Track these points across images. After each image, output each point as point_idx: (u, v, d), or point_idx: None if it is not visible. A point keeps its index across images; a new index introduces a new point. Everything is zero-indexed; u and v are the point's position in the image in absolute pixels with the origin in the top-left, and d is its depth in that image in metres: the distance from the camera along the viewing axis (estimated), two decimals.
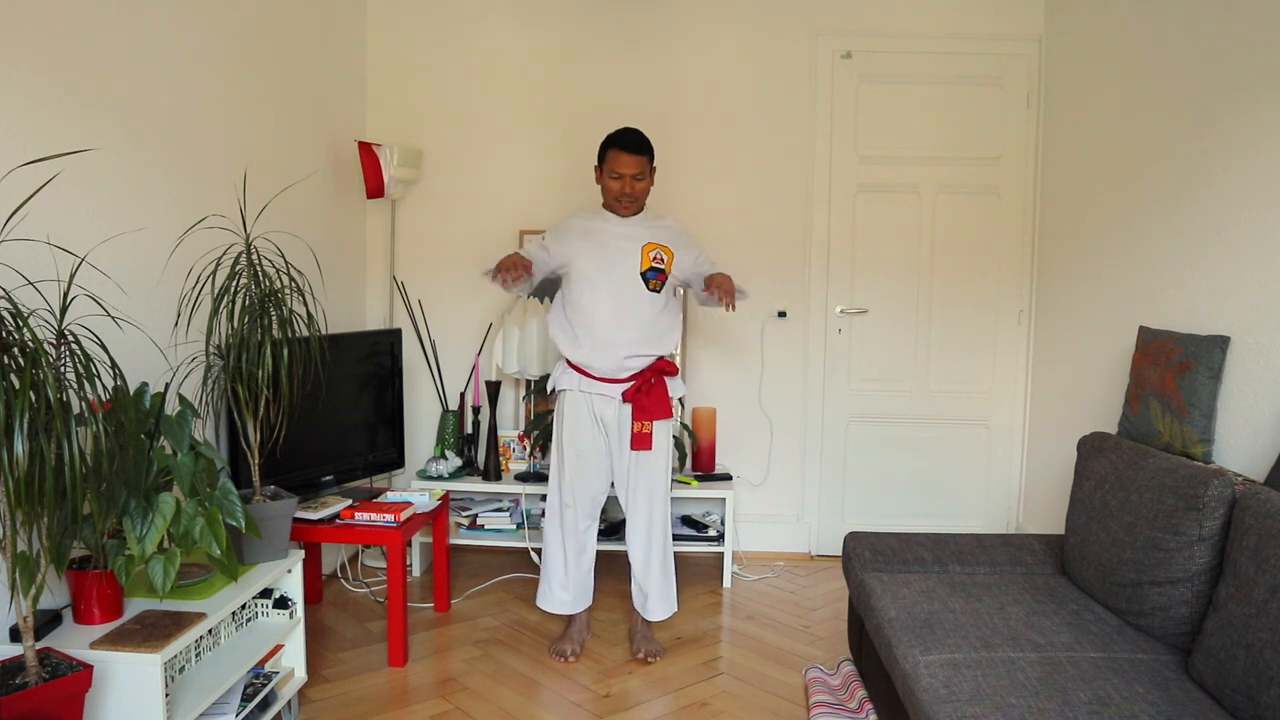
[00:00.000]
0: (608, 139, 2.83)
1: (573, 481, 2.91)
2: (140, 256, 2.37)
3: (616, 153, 2.78)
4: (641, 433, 2.85)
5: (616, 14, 3.85)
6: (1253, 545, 1.83)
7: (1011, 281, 3.89)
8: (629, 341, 2.79)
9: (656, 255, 2.82)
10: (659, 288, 2.82)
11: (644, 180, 2.81)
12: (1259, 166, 2.39)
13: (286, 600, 2.47)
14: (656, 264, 2.81)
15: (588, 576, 3.00)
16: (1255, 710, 1.71)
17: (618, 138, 2.81)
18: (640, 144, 2.80)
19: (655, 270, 2.81)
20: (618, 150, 2.78)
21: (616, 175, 2.78)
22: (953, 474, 4.00)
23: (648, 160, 2.81)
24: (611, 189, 2.81)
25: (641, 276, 2.80)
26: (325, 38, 3.50)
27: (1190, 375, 2.46)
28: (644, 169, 2.80)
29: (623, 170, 2.78)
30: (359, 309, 3.89)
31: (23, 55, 1.97)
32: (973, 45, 3.82)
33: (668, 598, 2.99)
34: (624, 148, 2.78)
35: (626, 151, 2.77)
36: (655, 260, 2.81)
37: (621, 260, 2.80)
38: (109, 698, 1.85)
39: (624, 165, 2.77)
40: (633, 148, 2.78)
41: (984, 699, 1.80)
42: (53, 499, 1.63)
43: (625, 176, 2.78)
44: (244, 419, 2.39)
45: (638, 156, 2.78)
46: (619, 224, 2.85)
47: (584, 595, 3.01)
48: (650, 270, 2.80)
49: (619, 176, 2.78)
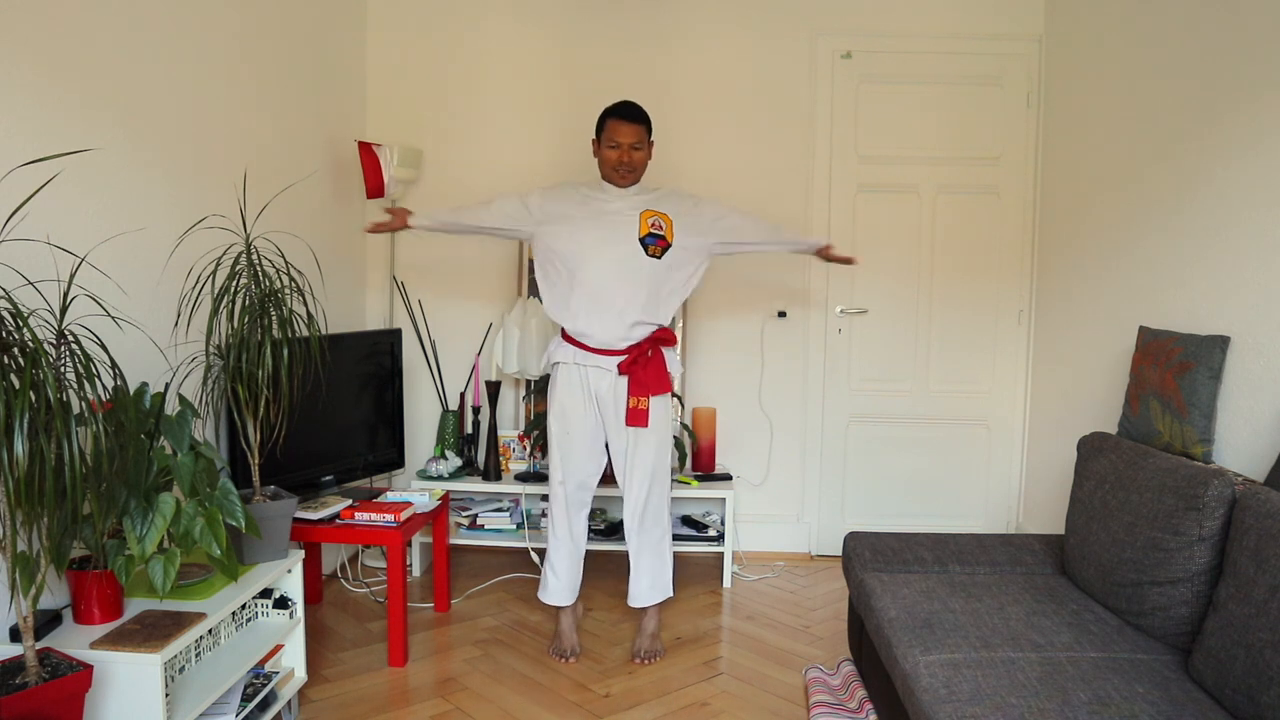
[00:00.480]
0: (606, 110, 2.82)
1: (560, 463, 2.88)
2: (140, 256, 2.37)
3: (615, 122, 2.77)
4: (637, 408, 2.80)
5: (616, 14, 3.86)
6: (1253, 545, 1.83)
7: (1011, 281, 3.89)
8: (628, 307, 2.77)
9: (655, 222, 2.80)
10: (659, 254, 2.78)
11: (641, 150, 2.80)
12: (1259, 166, 2.39)
13: (286, 600, 2.47)
14: (655, 230, 2.79)
15: (576, 566, 2.95)
16: (1255, 710, 1.71)
17: (616, 108, 2.81)
18: (638, 114, 2.79)
19: (654, 236, 2.79)
20: (616, 120, 2.77)
21: (614, 144, 2.77)
22: (953, 474, 4.00)
23: (645, 130, 2.80)
24: (609, 158, 2.80)
25: (640, 243, 2.78)
26: (325, 38, 3.50)
27: (1190, 375, 2.46)
28: (642, 138, 2.79)
29: (620, 139, 2.77)
30: (359, 309, 3.89)
31: (23, 55, 1.97)
32: (973, 45, 3.82)
33: (659, 583, 2.94)
34: (622, 117, 2.77)
35: (625, 120, 2.77)
36: (654, 226, 2.79)
37: (619, 227, 2.78)
38: (109, 698, 1.85)
39: (622, 134, 2.76)
40: (631, 117, 2.77)
41: (984, 699, 1.80)
42: (53, 499, 1.63)
43: (623, 145, 2.77)
44: (244, 419, 2.39)
45: (636, 125, 2.77)
46: (616, 194, 2.84)
47: (572, 586, 2.96)
48: (649, 236, 2.78)
49: (616, 145, 2.77)
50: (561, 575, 2.95)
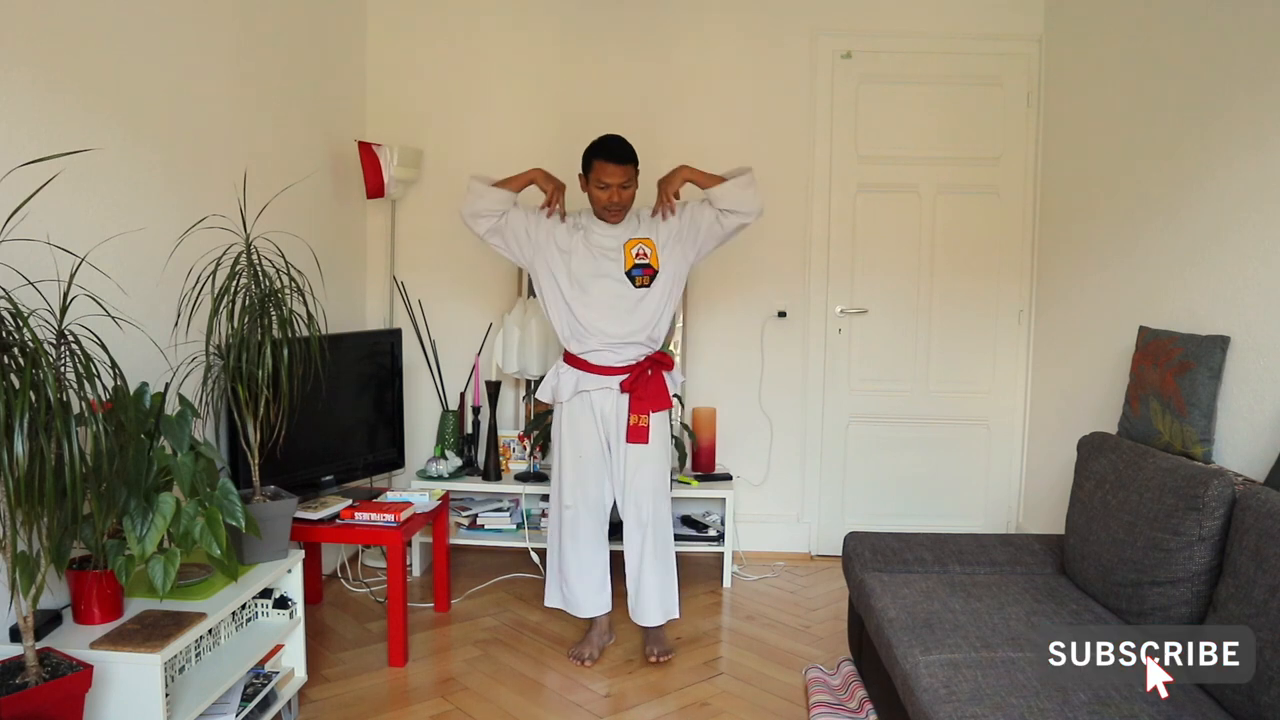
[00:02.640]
0: (591, 148, 2.82)
1: (574, 485, 2.90)
2: (140, 256, 2.36)
3: (602, 163, 2.78)
4: (638, 425, 2.84)
5: (616, 14, 3.85)
6: (1253, 545, 1.83)
7: (1011, 281, 3.89)
8: (623, 334, 2.83)
9: (639, 251, 2.84)
10: (646, 283, 2.84)
11: (630, 189, 2.82)
12: (1259, 166, 2.39)
13: (286, 600, 2.47)
14: (640, 260, 2.84)
15: (603, 581, 2.96)
16: (1255, 710, 1.71)
17: (603, 147, 2.80)
18: (626, 153, 2.80)
19: (639, 267, 2.84)
20: (603, 160, 2.78)
21: (603, 185, 2.79)
22: (952, 474, 3.99)
23: (633, 168, 2.82)
24: (599, 199, 2.81)
25: (627, 275, 2.83)
26: (325, 38, 3.50)
27: (1190, 375, 2.46)
28: (630, 177, 2.80)
29: (609, 180, 2.77)
30: (359, 309, 3.88)
31: (23, 55, 1.97)
32: (973, 45, 3.82)
33: (665, 603, 2.93)
34: (609, 157, 2.78)
35: (612, 161, 2.77)
36: (638, 256, 2.84)
37: (605, 263, 2.84)
38: (109, 698, 1.85)
39: (610, 175, 2.77)
40: (618, 157, 2.78)
41: (984, 699, 1.80)
42: (53, 499, 1.64)
43: (612, 186, 2.78)
44: (244, 419, 2.39)
45: (624, 166, 2.78)
46: (602, 231, 2.87)
47: (600, 599, 2.96)
48: (634, 268, 2.83)
49: (605, 186, 2.78)
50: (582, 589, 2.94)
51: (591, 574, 2.94)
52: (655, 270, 2.84)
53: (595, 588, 2.95)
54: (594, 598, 2.95)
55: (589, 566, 2.94)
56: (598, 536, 2.95)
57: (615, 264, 2.84)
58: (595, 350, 2.85)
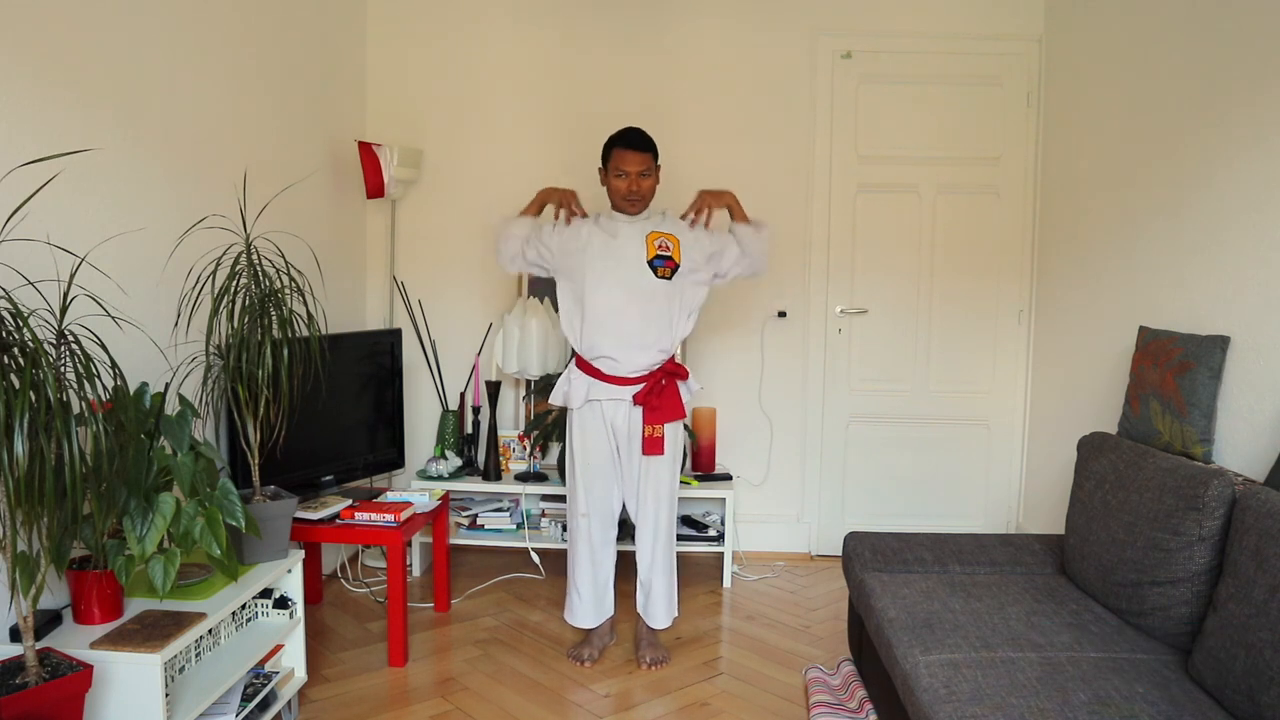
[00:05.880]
0: (611, 138, 2.83)
1: (587, 492, 2.91)
2: (140, 256, 2.36)
3: (621, 151, 2.78)
4: (653, 437, 2.83)
5: (616, 13, 3.85)
6: (1253, 545, 1.83)
7: (1011, 281, 3.89)
8: (640, 330, 2.79)
9: (661, 243, 2.81)
10: (668, 275, 2.81)
11: (650, 178, 2.81)
12: (1259, 166, 2.39)
13: (286, 600, 2.47)
14: (662, 251, 2.81)
15: (606, 587, 2.98)
16: (1255, 710, 1.71)
17: (621, 136, 2.81)
18: (644, 141, 2.79)
19: (662, 258, 2.80)
20: (622, 148, 2.78)
21: (621, 174, 2.78)
22: (952, 474, 3.99)
23: (652, 157, 2.81)
24: (618, 189, 2.80)
25: (649, 265, 2.79)
26: (325, 38, 3.50)
27: (1190, 375, 2.46)
28: (649, 166, 2.79)
29: (628, 168, 2.77)
30: (359, 309, 3.88)
31: (23, 55, 1.97)
32: (973, 45, 3.82)
33: (670, 604, 2.98)
34: (628, 145, 2.77)
35: (631, 149, 2.77)
36: (660, 248, 2.81)
37: (628, 252, 2.80)
38: (109, 698, 1.85)
39: (629, 163, 2.77)
40: (637, 145, 2.78)
41: (984, 699, 1.80)
42: (53, 499, 1.64)
43: (631, 174, 2.77)
44: (244, 419, 2.39)
45: (642, 154, 2.77)
46: (625, 222, 2.85)
47: (604, 606, 2.98)
48: (657, 258, 2.80)
49: (624, 175, 2.77)
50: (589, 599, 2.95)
51: (597, 582, 2.95)
52: (677, 265, 2.82)
53: (598, 597, 2.96)
54: (596, 608, 2.96)
55: (597, 573, 2.95)
56: (606, 546, 2.95)
57: (636, 255, 2.79)
58: (605, 357, 2.82)
